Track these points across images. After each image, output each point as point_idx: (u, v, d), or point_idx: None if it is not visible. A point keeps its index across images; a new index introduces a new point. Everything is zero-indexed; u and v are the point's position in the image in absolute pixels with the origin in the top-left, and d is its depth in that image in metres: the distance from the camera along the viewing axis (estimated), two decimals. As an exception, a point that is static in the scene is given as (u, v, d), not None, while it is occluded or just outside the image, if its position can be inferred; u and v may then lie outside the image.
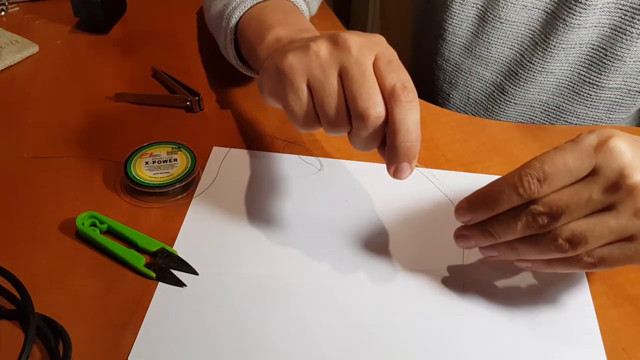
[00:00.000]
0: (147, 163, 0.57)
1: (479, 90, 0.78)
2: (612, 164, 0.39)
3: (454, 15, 0.73)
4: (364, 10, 1.37)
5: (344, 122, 0.42)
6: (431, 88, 0.84)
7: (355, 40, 0.42)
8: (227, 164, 0.59)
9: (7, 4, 0.84)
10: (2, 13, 0.83)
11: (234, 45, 0.61)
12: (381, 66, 0.42)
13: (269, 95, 0.46)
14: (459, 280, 0.49)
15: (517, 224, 0.41)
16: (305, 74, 0.42)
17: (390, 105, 0.41)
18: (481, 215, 0.43)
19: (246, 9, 0.58)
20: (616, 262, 0.40)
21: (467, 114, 0.80)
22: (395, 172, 0.43)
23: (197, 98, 0.66)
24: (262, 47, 0.52)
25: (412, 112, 0.41)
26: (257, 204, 0.55)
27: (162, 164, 0.57)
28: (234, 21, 0.59)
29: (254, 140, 0.62)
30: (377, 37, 0.44)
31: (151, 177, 0.55)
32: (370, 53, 0.42)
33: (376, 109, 0.41)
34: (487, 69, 0.76)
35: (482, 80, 0.77)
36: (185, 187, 0.56)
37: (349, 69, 0.41)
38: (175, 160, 0.57)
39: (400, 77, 0.42)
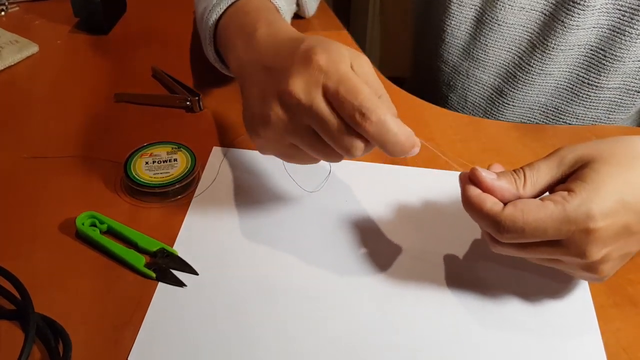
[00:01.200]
0: (147, 163, 0.57)
1: (477, 93, 0.78)
2: (580, 246, 0.40)
3: (453, 17, 0.73)
4: (364, 10, 1.37)
5: (338, 154, 0.44)
6: (430, 89, 0.84)
7: (299, 89, 0.41)
8: (227, 164, 0.59)
9: (7, 4, 0.84)
10: (2, 13, 0.83)
11: (215, 46, 0.60)
12: (333, 103, 0.41)
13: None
14: (459, 281, 0.49)
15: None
16: (280, 146, 0.45)
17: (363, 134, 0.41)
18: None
19: (222, 10, 0.57)
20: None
21: (466, 115, 0.81)
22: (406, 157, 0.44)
23: (197, 98, 0.66)
24: (231, 63, 0.54)
25: (385, 128, 0.40)
26: (257, 204, 0.55)
27: (162, 164, 0.57)
28: (211, 22, 0.58)
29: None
30: (318, 63, 0.41)
31: (151, 177, 0.55)
32: (317, 94, 0.41)
33: (355, 148, 0.42)
34: (485, 72, 0.75)
35: (480, 83, 0.77)
36: (185, 187, 0.56)
37: (313, 125, 0.42)
38: (175, 160, 0.57)
39: (353, 107, 0.40)
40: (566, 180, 0.42)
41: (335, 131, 0.41)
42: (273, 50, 0.46)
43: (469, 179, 0.43)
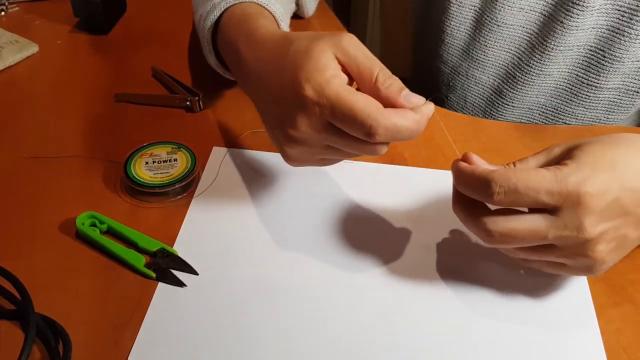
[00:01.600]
0: (147, 163, 0.57)
1: (477, 94, 0.78)
2: (575, 217, 0.39)
3: (452, 18, 0.73)
4: (364, 10, 1.37)
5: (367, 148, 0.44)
6: (430, 89, 0.84)
7: (304, 128, 0.42)
8: (227, 164, 0.59)
9: (7, 4, 0.84)
10: (2, 13, 0.83)
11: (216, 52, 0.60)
12: (339, 127, 0.42)
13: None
14: (459, 281, 0.49)
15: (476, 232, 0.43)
16: (309, 162, 0.47)
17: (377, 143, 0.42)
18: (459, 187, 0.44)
19: (221, 11, 0.57)
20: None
21: (466, 115, 0.81)
22: None
23: (197, 98, 0.66)
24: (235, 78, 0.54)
25: (394, 131, 0.40)
26: (257, 204, 0.55)
27: (162, 164, 0.57)
28: (207, 30, 0.58)
29: (254, 140, 0.62)
30: (308, 98, 0.41)
31: (151, 177, 0.55)
32: (322, 124, 0.42)
33: (378, 151, 0.43)
34: (484, 72, 0.75)
35: (479, 84, 0.77)
36: (185, 187, 0.56)
37: (331, 144, 0.44)
38: (175, 160, 0.57)
39: (356, 126, 0.40)
40: None
41: (352, 146, 0.43)
42: (264, 77, 0.46)
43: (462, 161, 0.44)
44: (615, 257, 0.43)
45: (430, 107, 0.42)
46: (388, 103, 0.41)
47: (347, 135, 0.42)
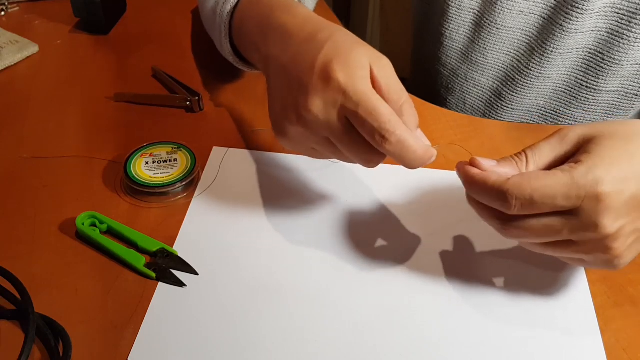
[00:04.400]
0: (147, 163, 0.57)
1: (476, 97, 0.78)
2: (592, 216, 0.39)
3: (451, 21, 0.73)
4: (364, 11, 1.37)
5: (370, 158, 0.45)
6: (429, 91, 0.84)
7: (317, 108, 0.42)
8: (227, 164, 0.59)
9: (7, 4, 0.84)
10: (2, 13, 0.83)
11: (230, 40, 0.59)
12: (353, 122, 0.42)
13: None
14: (459, 281, 0.49)
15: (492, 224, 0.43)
16: (302, 149, 0.47)
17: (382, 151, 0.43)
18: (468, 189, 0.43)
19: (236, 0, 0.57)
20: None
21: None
22: None
23: (197, 98, 0.66)
24: (253, 57, 0.54)
25: (404, 148, 0.41)
26: (257, 204, 0.55)
27: (162, 164, 0.57)
28: (226, 14, 0.57)
29: (254, 140, 0.62)
30: (337, 82, 0.42)
31: (151, 177, 0.55)
32: (334, 113, 0.42)
33: (372, 163, 0.44)
34: (483, 75, 0.75)
35: (478, 86, 0.77)
36: (185, 187, 0.56)
37: (331, 138, 0.44)
38: (175, 160, 0.57)
39: (373, 128, 0.41)
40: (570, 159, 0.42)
41: (352, 148, 0.43)
42: (292, 51, 0.46)
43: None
44: (634, 252, 0.42)
45: (434, 152, 0.43)
46: None
47: (353, 134, 0.42)
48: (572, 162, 0.40)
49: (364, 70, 0.42)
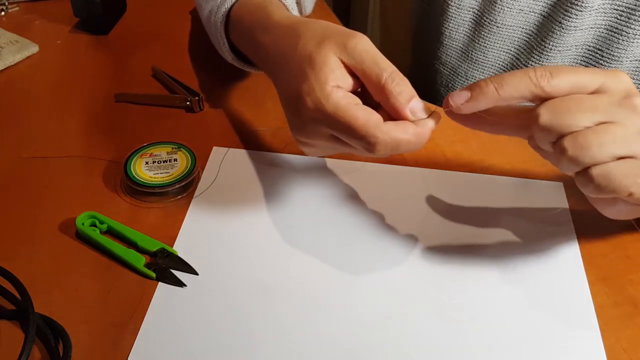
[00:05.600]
0: (147, 163, 0.57)
1: None
2: (619, 84, 0.40)
3: (451, 19, 0.73)
4: (364, 10, 1.37)
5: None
6: (429, 90, 0.84)
7: (303, 137, 0.45)
8: (227, 164, 0.59)
9: (7, 4, 0.84)
10: (2, 13, 0.83)
11: (227, 39, 0.60)
12: (333, 134, 0.43)
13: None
14: (458, 281, 0.49)
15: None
16: (319, 148, 0.47)
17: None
18: (485, 97, 0.42)
19: (227, 9, 0.58)
20: (620, 181, 0.39)
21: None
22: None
23: (197, 98, 0.66)
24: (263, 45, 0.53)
25: (394, 145, 0.41)
26: (257, 204, 0.55)
27: (162, 164, 0.57)
28: (221, 14, 0.58)
29: (254, 140, 0.62)
30: (307, 112, 0.42)
31: (151, 177, 0.55)
32: (321, 133, 0.43)
33: (379, 156, 0.43)
34: (483, 73, 0.75)
35: None
36: (185, 187, 0.56)
37: (334, 148, 0.46)
38: (175, 160, 0.57)
39: (356, 139, 0.41)
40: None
41: (356, 151, 0.43)
42: (275, 76, 0.48)
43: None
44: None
45: (431, 123, 0.42)
46: (393, 112, 0.42)
47: (344, 148, 0.44)
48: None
49: (334, 72, 0.42)
